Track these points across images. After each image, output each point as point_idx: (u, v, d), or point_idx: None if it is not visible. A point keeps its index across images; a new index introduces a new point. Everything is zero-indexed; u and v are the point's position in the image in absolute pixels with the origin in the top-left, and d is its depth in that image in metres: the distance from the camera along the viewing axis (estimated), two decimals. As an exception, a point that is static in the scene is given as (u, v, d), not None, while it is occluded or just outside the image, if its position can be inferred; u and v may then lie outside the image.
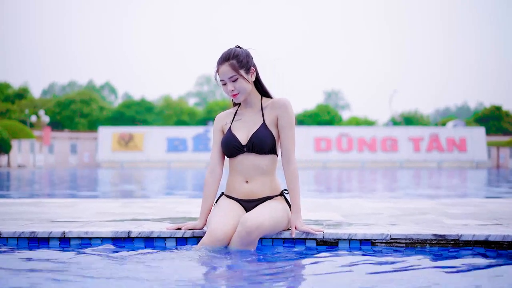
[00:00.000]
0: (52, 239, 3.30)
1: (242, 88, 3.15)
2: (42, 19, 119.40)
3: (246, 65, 3.14)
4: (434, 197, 8.54)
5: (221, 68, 3.13)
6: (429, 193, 10.22)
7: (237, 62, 3.11)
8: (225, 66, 3.12)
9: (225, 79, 3.13)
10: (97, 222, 3.71)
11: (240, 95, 3.17)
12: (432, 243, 3.18)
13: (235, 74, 3.11)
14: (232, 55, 3.12)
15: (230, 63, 3.11)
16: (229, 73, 3.12)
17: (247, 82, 3.16)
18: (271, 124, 3.19)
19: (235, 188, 3.25)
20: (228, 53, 3.14)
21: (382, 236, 3.19)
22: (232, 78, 3.12)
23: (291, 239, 3.22)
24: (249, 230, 2.93)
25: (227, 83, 3.15)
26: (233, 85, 3.14)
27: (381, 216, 4.24)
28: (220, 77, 3.16)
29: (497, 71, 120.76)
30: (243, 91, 3.17)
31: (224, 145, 3.23)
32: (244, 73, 3.14)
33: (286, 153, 3.17)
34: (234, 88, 3.14)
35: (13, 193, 10.27)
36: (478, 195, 9.57)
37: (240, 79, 3.14)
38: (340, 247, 3.20)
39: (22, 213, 4.35)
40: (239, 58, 3.12)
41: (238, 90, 3.15)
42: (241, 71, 3.12)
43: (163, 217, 4.09)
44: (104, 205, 5.14)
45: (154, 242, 3.28)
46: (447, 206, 5.07)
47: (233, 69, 3.11)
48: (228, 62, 3.12)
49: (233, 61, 3.11)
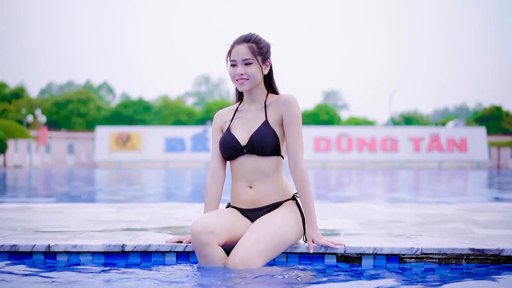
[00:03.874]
0: (36, 253, 2.90)
1: (253, 75, 2.78)
2: (41, 19, 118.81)
3: (265, 54, 2.83)
4: (451, 201, 8.01)
5: (238, 47, 2.79)
6: (442, 196, 9.68)
7: (257, 47, 2.80)
8: (243, 46, 2.79)
9: (238, 60, 2.78)
10: (87, 233, 3.31)
11: (247, 83, 2.79)
12: (469, 259, 2.79)
13: (252, 57, 2.78)
14: (253, 38, 2.82)
15: (249, 45, 2.79)
16: (245, 54, 2.77)
17: (260, 71, 2.82)
18: (275, 122, 2.80)
19: (239, 195, 2.86)
20: (249, 35, 2.83)
21: (411, 251, 2.79)
22: (246, 60, 2.78)
23: (308, 254, 2.82)
24: (237, 268, 2.58)
25: (238, 65, 2.78)
26: (244, 68, 2.78)
27: (402, 224, 3.85)
28: (233, 57, 2.80)
29: (496, 71, 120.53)
30: (253, 79, 2.79)
31: (222, 146, 2.85)
32: (260, 61, 2.80)
33: (293, 155, 2.77)
34: (244, 72, 2.78)
35: (2, 195, 9.84)
36: (495, 198, 9.11)
37: (254, 65, 2.79)
38: (364, 263, 2.81)
39: (6, 221, 3.95)
40: (260, 44, 2.81)
41: (248, 76, 2.78)
42: (258, 57, 2.80)
43: (161, 226, 3.69)
44: (96, 211, 4.74)
45: (151, 257, 2.88)
46: (471, 212, 4.68)
47: (251, 52, 2.78)
48: (247, 43, 2.79)
49: (253, 44, 2.80)
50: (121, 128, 46.00)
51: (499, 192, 10.99)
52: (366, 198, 9.06)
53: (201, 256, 2.65)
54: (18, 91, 58.79)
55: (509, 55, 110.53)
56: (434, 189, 12.01)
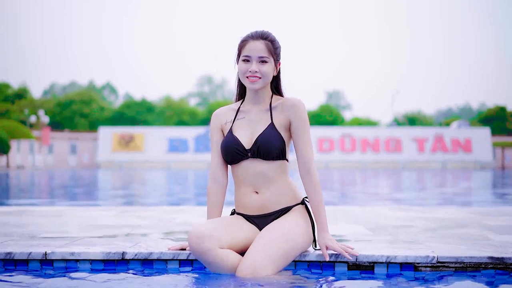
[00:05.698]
0: (32, 261, 2.76)
1: (266, 74, 2.65)
2: (43, 19, 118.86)
3: (278, 55, 2.71)
4: (461, 204, 7.80)
5: (254, 43, 2.65)
6: (451, 198, 9.43)
7: (272, 46, 2.68)
8: (261, 43, 2.65)
9: (253, 56, 2.64)
10: (85, 239, 3.17)
11: (260, 82, 2.65)
12: (487, 267, 2.64)
13: (268, 56, 2.65)
14: (270, 37, 2.69)
15: (266, 43, 2.66)
16: (262, 52, 2.64)
17: (273, 71, 2.69)
18: (281, 126, 2.65)
19: (244, 202, 2.70)
20: (266, 32, 2.70)
21: (427, 259, 2.65)
22: (262, 58, 2.64)
23: (317, 262, 2.68)
24: (246, 278, 2.45)
25: (253, 62, 2.64)
26: (258, 66, 2.63)
27: (414, 229, 3.71)
28: (247, 52, 2.64)
29: (496, 71, 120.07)
30: (266, 78, 2.66)
31: (224, 149, 2.70)
32: (274, 61, 2.68)
33: (305, 162, 2.63)
34: (258, 70, 2.63)
35: (2, 197, 9.71)
36: (504, 201, 8.94)
37: (269, 64, 2.66)
38: (376, 272, 2.67)
39: (1, 225, 3.83)
40: (275, 43, 2.70)
41: (261, 75, 2.64)
42: (273, 57, 2.67)
43: (163, 231, 3.55)
44: (95, 214, 4.61)
45: (153, 264, 2.75)
46: (482, 216, 4.53)
47: (268, 50, 2.65)
48: (264, 40, 2.66)
49: (269, 43, 2.67)
50: (124, 128, 45.91)
51: (507, 195, 10.83)
52: (373, 201, 8.90)
53: (207, 264, 2.51)
54: (21, 91, 58.74)
55: (509, 55, 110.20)
56: (441, 192, 11.84)
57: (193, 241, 2.47)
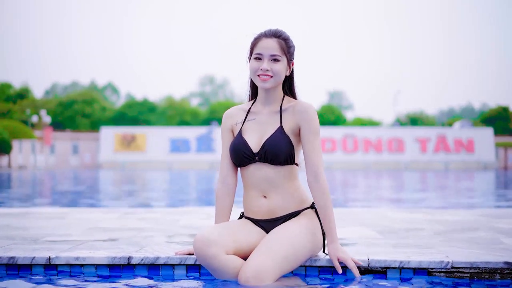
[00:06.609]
0: (36, 265, 2.69)
1: (278, 73, 2.57)
2: (44, 19, 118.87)
3: (291, 54, 2.64)
4: (468, 206, 7.70)
5: (267, 41, 2.58)
6: (456, 199, 9.34)
7: (286, 44, 2.60)
8: (274, 41, 2.58)
9: (265, 54, 2.57)
10: (89, 242, 3.10)
11: (271, 81, 2.58)
12: (503, 273, 2.56)
13: (280, 54, 2.58)
14: (283, 35, 2.62)
15: (279, 41, 2.59)
16: (275, 50, 2.57)
17: (285, 71, 2.62)
18: (290, 130, 2.58)
19: (252, 205, 2.64)
20: (279, 31, 2.63)
21: (441, 264, 2.58)
22: (274, 56, 2.57)
23: (328, 267, 2.61)
24: (249, 283, 2.36)
25: (264, 60, 2.57)
26: (270, 65, 2.56)
27: (424, 232, 3.64)
28: (259, 50, 2.58)
29: (496, 72, 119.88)
30: (277, 77, 2.58)
31: (233, 152, 2.63)
32: (286, 60, 2.60)
33: (313, 169, 2.55)
34: (270, 68, 2.56)
35: (4, 199, 9.63)
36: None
37: (282, 63, 2.58)
38: (389, 277, 2.60)
39: (4, 228, 3.76)
40: (288, 42, 2.62)
41: (273, 73, 2.57)
42: (286, 56, 2.60)
43: (167, 235, 3.48)
44: (99, 217, 4.54)
45: (160, 270, 2.68)
46: (493, 218, 4.45)
47: (281, 48, 2.58)
48: (277, 38, 2.59)
49: (283, 41, 2.60)
50: (126, 128, 45.86)
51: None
52: (377, 202, 8.82)
53: (211, 270, 2.45)
54: (22, 91, 58.74)
55: (510, 55, 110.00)
56: (446, 193, 11.76)
57: (198, 247, 2.41)
